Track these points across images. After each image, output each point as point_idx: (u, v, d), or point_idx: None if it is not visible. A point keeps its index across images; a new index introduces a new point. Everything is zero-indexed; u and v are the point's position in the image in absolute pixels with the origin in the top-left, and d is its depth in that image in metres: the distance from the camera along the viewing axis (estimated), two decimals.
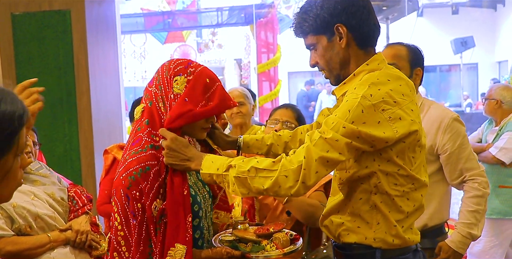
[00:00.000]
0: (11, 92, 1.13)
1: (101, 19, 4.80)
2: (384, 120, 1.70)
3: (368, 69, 1.86)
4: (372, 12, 1.89)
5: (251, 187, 1.72)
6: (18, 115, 1.12)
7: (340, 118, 1.70)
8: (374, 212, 1.85)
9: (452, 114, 2.74)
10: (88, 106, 4.45)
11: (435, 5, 17.10)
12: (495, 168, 4.23)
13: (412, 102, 1.79)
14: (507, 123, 4.27)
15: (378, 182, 1.81)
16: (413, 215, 1.88)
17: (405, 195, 1.84)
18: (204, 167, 1.78)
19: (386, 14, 9.68)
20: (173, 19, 12.13)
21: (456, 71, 17.77)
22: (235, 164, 1.74)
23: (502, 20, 16.55)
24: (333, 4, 1.84)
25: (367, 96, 1.70)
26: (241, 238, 1.99)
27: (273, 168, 1.71)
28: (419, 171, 1.87)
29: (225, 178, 1.75)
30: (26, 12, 4.51)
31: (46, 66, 4.48)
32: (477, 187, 2.71)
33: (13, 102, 1.11)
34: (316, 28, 1.88)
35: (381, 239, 1.85)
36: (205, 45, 14.89)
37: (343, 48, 1.86)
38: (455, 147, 2.69)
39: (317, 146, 1.69)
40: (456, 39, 13.21)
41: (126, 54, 13.54)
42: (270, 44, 10.93)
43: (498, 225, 4.25)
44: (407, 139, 1.76)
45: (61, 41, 4.47)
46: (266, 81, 10.76)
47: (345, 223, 1.91)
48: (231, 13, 11.66)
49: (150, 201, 1.78)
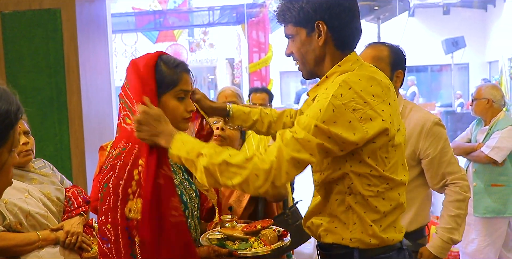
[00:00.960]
0: (5, 89, 1.19)
1: (92, 18, 4.78)
2: (355, 120, 1.69)
3: (340, 70, 1.85)
4: (356, 15, 1.87)
5: (219, 179, 1.68)
6: (14, 110, 1.18)
7: (312, 118, 1.69)
8: (349, 212, 1.85)
9: (434, 118, 2.71)
10: (78, 105, 4.42)
11: (426, 5, 17.18)
12: (487, 167, 4.26)
13: (384, 102, 1.76)
14: (497, 122, 4.30)
15: (351, 183, 1.81)
16: (391, 214, 1.87)
17: (379, 195, 1.83)
18: (174, 147, 1.73)
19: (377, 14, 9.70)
20: (165, 18, 12.12)
21: (447, 71, 17.84)
22: (206, 153, 1.69)
23: (493, 20, 16.64)
24: (319, 1, 1.83)
25: (337, 95, 1.69)
26: (229, 236, 2.00)
27: (245, 165, 1.66)
28: (395, 170, 1.85)
29: (194, 163, 1.71)
30: (16, 11, 4.47)
31: (36, 65, 4.45)
32: (458, 191, 2.69)
33: (8, 99, 1.18)
34: (298, 20, 1.87)
35: (357, 239, 1.85)
36: (196, 44, 14.88)
37: (320, 46, 1.86)
38: (437, 152, 2.67)
39: (288, 146, 1.67)
40: (447, 39, 13.27)
41: (117, 53, 13.49)
42: (262, 44, 10.95)
43: (491, 224, 4.29)
44: (377, 140, 1.75)
45: (51, 40, 4.44)
46: (257, 80, 10.77)
47: (323, 224, 1.92)
48: (222, 13, 11.68)
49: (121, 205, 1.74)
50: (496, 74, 14.06)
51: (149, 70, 1.83)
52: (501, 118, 4.31)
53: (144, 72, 1.83)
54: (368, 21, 10.33)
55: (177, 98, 1.88)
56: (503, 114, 4.34)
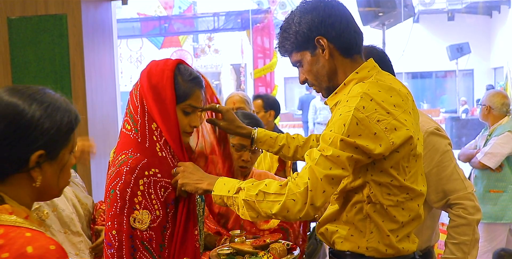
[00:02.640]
0: (65, 99, 1.38)
1: (97, 23, 4.80)
2: (380, 131, 1.69)
3: (358, 77, 1.85)
4: (351, 20, 1.88)
5: (260, 211, 1.70)
6: (74, 114, 1.36)
7: (337, 133, 1.69)
8: (367, 221, 1.84)
9: (428, 126, 2.36)
10: (84, 110, 4.44)
11: (431, 11, 17.19)
12: (484, 173, 4.30)
13: (405, 112, 1.76)
14: (496, 128, 4.34)
15: (371, 192, 1.80)
16: (409, 225, 1.87)
17: (399, 205, 1.82)
18: (216, 189, 1.78)
19: (382, 20, 9.70)
20: (170, 24, 12.15)
21: (452, 77, 17.84)
22: (244, 186, 1.73)
23: (498, 26, 16.63)
24: (310, 19, 1.84)
25: (359, 108, 1.68)
26: (238, 250, 2.00)
27: (281, 192, 1.68)
28: (415, 180, 1.85)
29: (235, 200, 1.74)
30: (22, 16, 4.50)
31: (42, 71, 4.47)
32: (461, 214, 2.29)
33: (69, 105, 1.36)
34: (298, 44, 1.88)
35: (374, 248, 1.84)
36: (201, 50, 14.92)
37: (328, 60, 1.86)
38: (432, 166, 2.33)
39: (319, 165, 1.67)
40: (451, 45, 13.26)
41: (123, 59, 13.55)
42: (267, 50, 10.95)
43: (491, 231, 4.27)
44: (401, 149, 1.75)
45: (57, 46, 4.46)
46: (262, 86, 10.77)
47: (339, 230, 1.91)
48: (227, 18, 11.69)
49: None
50: (501, 80, 14.04)
51: (167, 79, 1.84)
52: (502, 123, 4.34)
53: (161, 81, 1.84)
54: (373, 27, 10.33)
55: (183, 111, 1.87)
56: (506, 120, 4.35)
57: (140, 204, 1.74)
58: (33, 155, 1.27)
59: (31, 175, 1.28)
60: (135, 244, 1.73)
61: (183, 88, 1.85)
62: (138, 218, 1.73)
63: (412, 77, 18.88)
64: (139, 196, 1.74)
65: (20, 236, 1.19)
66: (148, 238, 1.75)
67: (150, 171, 1.77)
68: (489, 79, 17.25)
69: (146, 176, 1.76)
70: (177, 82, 1.84)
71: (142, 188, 1.75)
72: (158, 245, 1.78)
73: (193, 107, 1.88)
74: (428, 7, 16.52)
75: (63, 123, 1.32)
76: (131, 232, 1.73)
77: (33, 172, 1.28)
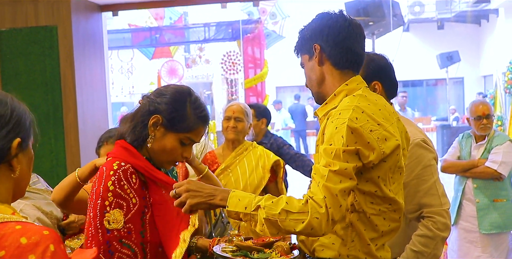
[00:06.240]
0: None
1: (88, 34, 4.80)
2: (373, 140, 1.78)
3: (347, 88, 1.94)
4: (350, 38, 1.95)
5: (281, 229, 1.73)
6: (30, 114, 1.45)
7: (337, 146, 1.76)
8: (349, 230, 1.90)
9: (415, 138, 2.38)
10: (75, 121, 4.43)
11: (420, 20, 17.30)
12: (488, 183, 4.25)
13: (393, 125, 1.87)
14: (493, 137, 4.30)
15: (355, 200, 1.87)
16: (387, 234, 1.94)
17: (381, 214, 1.89)
18: (230, 205, 1.79)
19: (371, 29, 9.74)
20: (161, 35, 12.15)
21: (442, 85, 17.95)
22: (264, 205, 1.74)
23: (487, 35, 16.76)
24: (314, 27, 1.99)
25: (353, 119, 1.77)
26: (244, 247, 2.03)
27: (304, 210, 1.71)
28: (398, 192, 1.93)
29: (253, 217, 1.76)
30: (13, 28, 4.50)
31: (33, 82, 4.46)
32: (429, 227, 2.33)
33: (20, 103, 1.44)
34: (302, 48, 2.04)
35: (354, 256, 1.91)
36: (192, 60, 14.91)
37: (318, 66, 1.98)
38: (411, 177, 2.35)
39: (330, 181, 1.72)
40: (441, 53, 13.34)
41: (114, 70, 13.51)
42: (257, 59, 10.98)
43: (495, 239, 4.24)
44: (389, 159, 1.83)
45: (47, 57, 4.46)
46: (253, 96, 10.78)
47: (320, 239, 1.96)
48: (218, 29, 11.71)
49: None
50: (490, 88, 14.13)
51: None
52: (495, 133, 4.33)
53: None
54: None
55: (180, 141, 1.92)
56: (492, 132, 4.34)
57: (110, 205, 1.78)
58: (14, 142, 1.32)
59: (11, 165, 1.33)
60: (112, 248, 1.77)
61: (189, 120, 1.91)
62: (111, 218, 1.77)
63: (403, 86, 18.96)
64: (110, 197, 1.78)
65: (11, 231, 1.19)
66: (127, 232, 1.80)
67: (117, 165, 1.83)
68: (479, 87, 17.36)
69: (113, 173, 1.81)
70: (186, 113, 1.91)
71: (112, 188, 1.79)
72: (138, 233, 1.82)
73: (192, 140, 1.94)
74: (418, 16, 16.63)
75: (27, 114, 1.41)
76: (107, 238, 1.77)
77: (13, 161, 1.33)
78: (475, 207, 4.25)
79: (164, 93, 1.94)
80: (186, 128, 1.90)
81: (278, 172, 3.58)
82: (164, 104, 1.91)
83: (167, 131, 1.90)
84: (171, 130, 1.90)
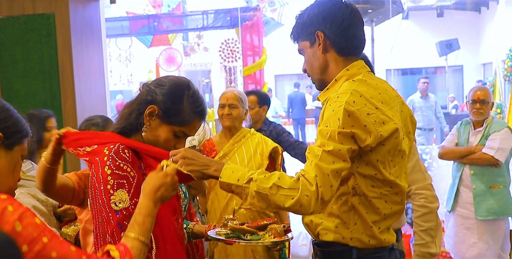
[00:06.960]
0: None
1: (85, 22, 4.78)
2: (370, 123, 1.79)
3: (348, 74, 1.97)
4: (354, 25, 1.98)
5: (271, 203, 1.76)
6: (28, 128, 1.50)
7: (333, 127, 1.78)
8: (351, 213, 1.93)
9: None
10: (73, 110, 4.42)
11: (420, 7, 17.23)
12: (485, 169, 4.25)
13: (392, 109, 1.88)
14: (491, 124, 4.30)
15: (356, 183, 1.89)
16: (390, 217, 1.96)
17: (383, 197, 1.91)
18: (224, 176, 1.81)
19: (371, 16, 9.71)
20: (159, 23, 12.11)
21: (441, 73, 17.89)
22: (256, 178, 1.77)
23: (486, 22, 16.69)
24: (316, 13, 1.99)
25: (350, 102, 1.79)
26: (238, 230, 2.07)
27: (295, 187, 1.73)
28: (399, 175, 1.94)
29: (245, 190, 1.78)
30: (10, 16, 4.47)
31: (30, 70, 4.45)
32: (423, 204, 2.68)
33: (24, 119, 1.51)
34: (302, 34, 2.03)
35: (357, 239, 1.93)
36: (191, 48, 14.88)
37: (322, 54, 1.99)
38: None
39: (323, 161, 1.75)
40: (441, 41, 13.29)
41: (112, 58, 13.49)
42: (256, 47, 10.95)
43: (491, 225, 4.24)
44: (387, 142, 1.84)
45: (45, 45, 4.44)
46: (252, 83, 10.76)
47: (323, 223, 1.99)
48: (216, 16, 11.67)
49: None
50: (490, 75, 14.10)
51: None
52: (493, 119, 4.33)
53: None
54: None
55: (174, 134, 1.92)
56: (491, 115, 4.36)
57: (113, 188, 1.76)
58: None
59: None
60: (124, 228, 1.73)
61: (186, 114, 1.90)
62: (117, 199, 1.76)
63: (402, 74, 18.93)
64: (110, 180, 1.77)
65: None
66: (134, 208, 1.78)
67: (108, 149, 1.81)
68: (478, 75, 17.32)
69: (107, 158, 1.79)
70: (183, 106, 1.90)
71: (109, 172, 1.77)
72: None
73: (185, 134, 1.94)
74: (417, 3, 16.58)
75: (21, 121, 1.46)
76: (117, 220, 1.75)
77: None
78: (472, 193, 4.26)
79: (163, 84, 1.92)
80: (181, 122, 1.90)
81: (277, 159, 3.59)
82: (161, 96, 1.90)
83: (162, 122, 1.90)
84: (166, 122, 1.89)
